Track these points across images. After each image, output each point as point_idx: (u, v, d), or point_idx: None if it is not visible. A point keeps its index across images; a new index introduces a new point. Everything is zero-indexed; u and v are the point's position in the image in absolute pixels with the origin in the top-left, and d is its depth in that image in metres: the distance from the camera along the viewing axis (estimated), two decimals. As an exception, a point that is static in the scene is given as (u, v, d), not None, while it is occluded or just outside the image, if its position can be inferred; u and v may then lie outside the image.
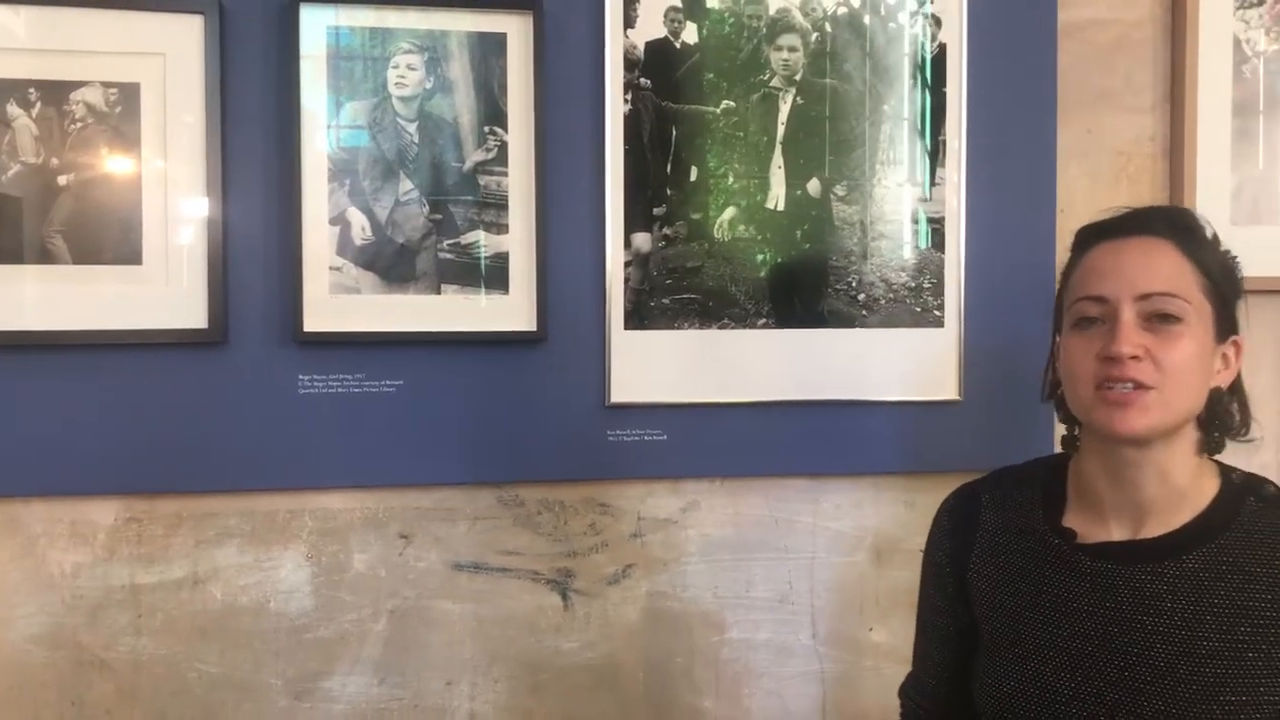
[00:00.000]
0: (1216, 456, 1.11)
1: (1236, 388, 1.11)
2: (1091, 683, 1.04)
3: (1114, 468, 1.07)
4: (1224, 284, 1.06)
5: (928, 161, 1.57)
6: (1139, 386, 1.01)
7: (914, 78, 1.57)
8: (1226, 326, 1.07)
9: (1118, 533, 1.08)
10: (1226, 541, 1.04)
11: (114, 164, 1.40)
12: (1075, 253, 1.12)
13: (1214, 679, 0.99)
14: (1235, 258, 1.10)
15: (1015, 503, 1.16)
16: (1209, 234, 1.09)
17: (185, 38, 1.41)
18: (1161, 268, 1.03)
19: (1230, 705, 0.99)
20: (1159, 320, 1.02)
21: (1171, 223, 1.06)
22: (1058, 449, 1.20)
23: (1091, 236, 1.10)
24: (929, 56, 1.57)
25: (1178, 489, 1.06)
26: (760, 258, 1.54)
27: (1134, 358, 1.00)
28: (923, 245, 1.57)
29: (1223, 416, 1.08)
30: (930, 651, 1.24)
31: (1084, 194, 1.64)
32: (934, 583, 1.23)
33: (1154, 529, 1.06)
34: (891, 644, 1.60)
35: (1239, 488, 1.08)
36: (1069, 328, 1.08)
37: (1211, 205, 1.65)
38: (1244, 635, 1.00)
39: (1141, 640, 1.02)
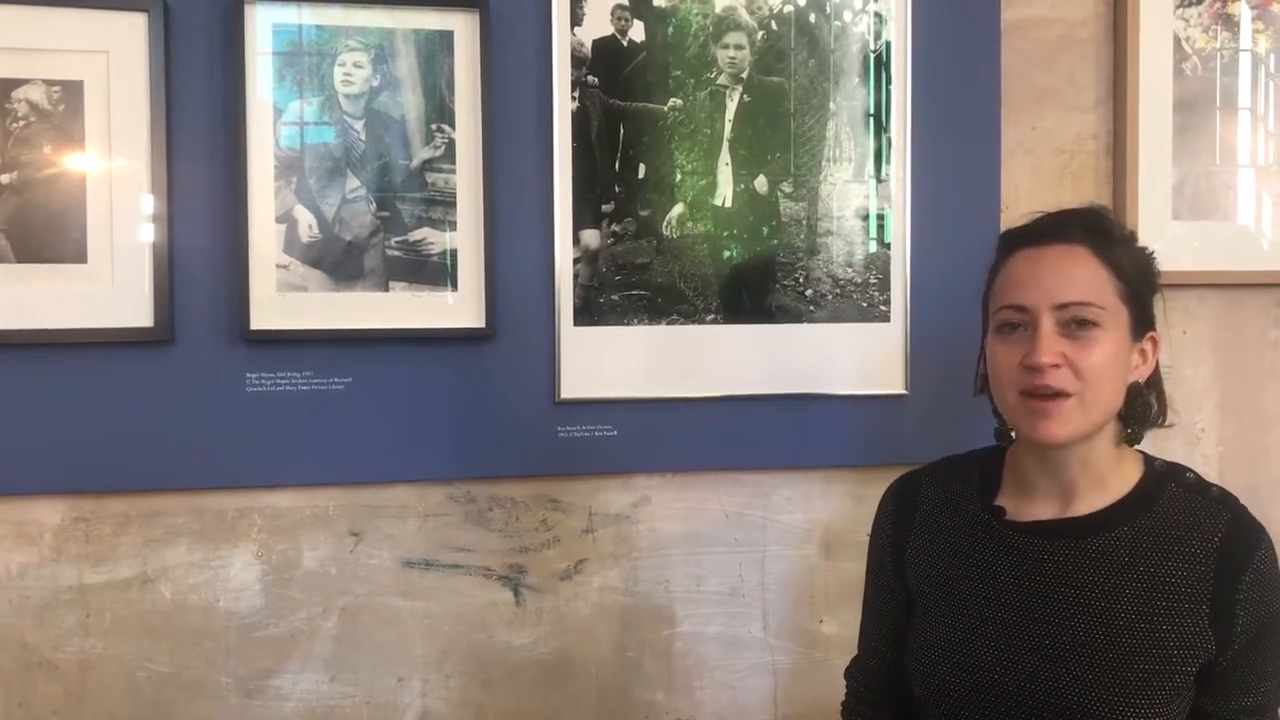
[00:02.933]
0: (1140, 447, 1.16)
1: (1154, 380, 1.15)
2: (1014, 651, 1.09)
3: (1041, 457, 1.13)
4: (1138, 284, 1.09)
5: (873, 158, 1.59)
6: (1059, 394, 1.05)
7: (859, 75, 1.58)
8: (1143, 324, 1.11)
9: (1046, 513, 1.13)
10: (1147, 522, 1.09)
11: (58, 162, 1.40)
12: (998, 256, 1.16)
13: (1129, 649, 1.04)
14: (1151, 254, 1.13)
15: (953, 485, 1.21)
16: (1124, 233, 1.12)
17: (129, 36, 1.40)
18: (1078, 276, 1.07)
19: (1144, 673, 1.04)
20: (1077, 326, 1.06)
21: (1087, 227, 1.10)
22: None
23: (1013, 242, 1.14)
24: (874, 54, 1.59)
25: (1099, 474, 1.11)
26: (708, 254, 1.55)
27: (1054, 366, 1.05)
28: (869, 241, 1.59)
29: (1141, 409, 1.12)
30: (873, 632, 1.28)
31: (1028, 191, 1.66)
32: (876, 564, 1.27)
33: (1079, 509, 1.11)
34: (841, 635, 1.62)
35: (1161, 474, 1.13)
36: (993, 331, 1.13)
37: (1153, 201, 1.68)
38: (1159, 608, 1.05)
39: (1063, 611, 1.07)
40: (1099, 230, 1.10)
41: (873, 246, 1.59)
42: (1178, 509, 1.09)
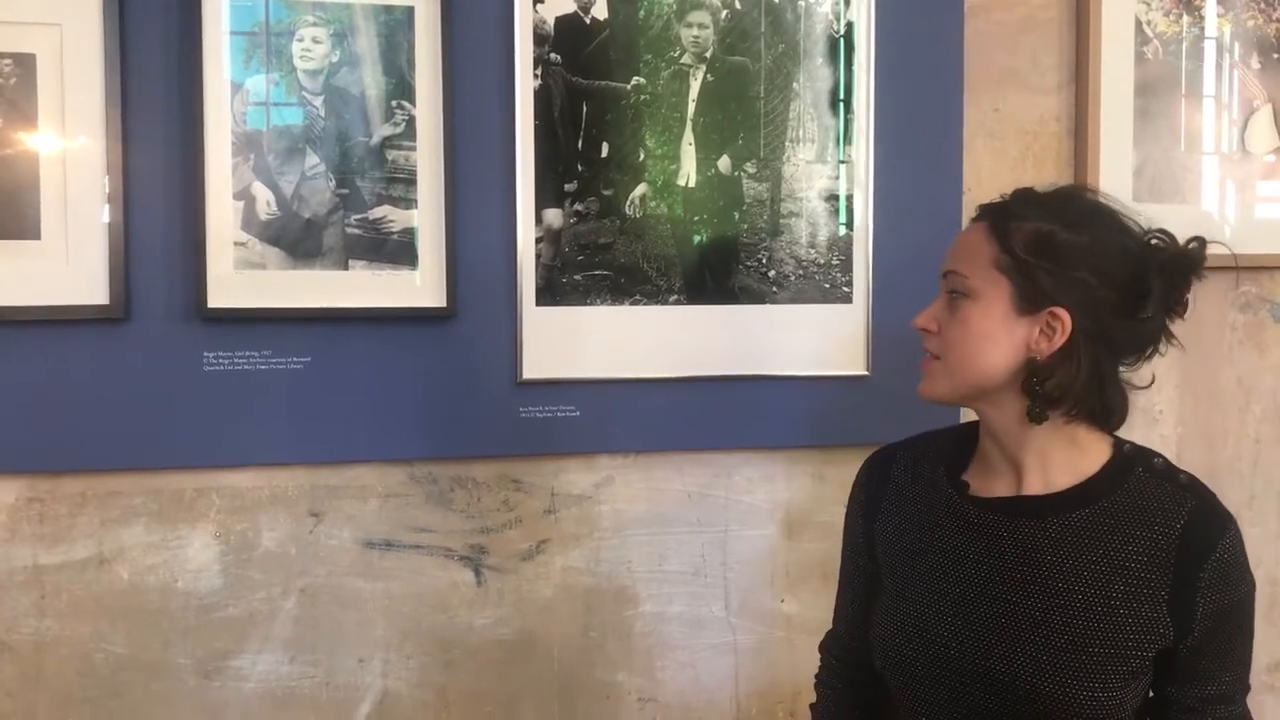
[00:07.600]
0: (1119, 431, 1.12)
1: (1070, 360, 1.06)
2: (970, 627, 1.09)
3: (989, 431, 1.14)
4: (1027, 257, 1.04)
5: (836, 139, 1.59)
6: (934, 356, 1.11)
7: (823, 56, 1.58)
8: (1032, 298, 1.05)
9: (1004, 489, 1.13)
10: (1110, 504, 1.08)
11: (10, 137, 1.37)
12: None
13: (1085, 631, 1.04)
14: (1068, 229, 1.05)
15: (925, 459, 1.21)
16: (1042, 212, 1.07)
17: (83, 8, 1.38)
18: (962, 248, 1.11)
19: (1098, 655, 1.04)
20: (954, 296, 1.09)
21: (1002, 205, 1.10)
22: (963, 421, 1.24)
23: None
24: (837, 35, 1.59)
25: (1041, 451, 1.10)
26: (672, 234, 1.55)
27: (926, 330, 1.11)
28: (832, 222, 1.59)
29: (1039, 386, 1.06)
30: (844, 606, 1.28)
31: (990, 172, 1.67)
32: (849, 537, 1.27)
33: (1031, 488, 1.10)
34: (802, 615, 1.63)
35: (1129, 457, 1.11)
36: None
37: (1114, 183, 1.69)
38: (1117, 592, 1.05)
39: (1020, 589, 1.07)
40: (1001, 207, 1.09)
41: (835, 228, 1.59)
42: (1143, 494, 1.08)
